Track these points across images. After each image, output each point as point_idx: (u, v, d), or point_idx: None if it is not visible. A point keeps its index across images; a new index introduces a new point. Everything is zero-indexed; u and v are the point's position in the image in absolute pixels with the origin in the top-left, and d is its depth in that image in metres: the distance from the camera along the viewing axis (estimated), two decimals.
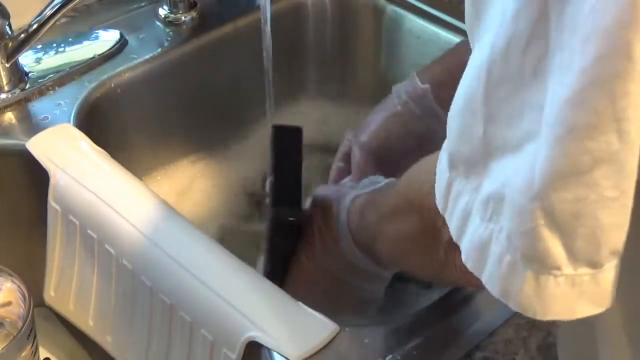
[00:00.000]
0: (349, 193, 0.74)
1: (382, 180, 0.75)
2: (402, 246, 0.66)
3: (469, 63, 0.42)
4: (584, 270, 0.38)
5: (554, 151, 0.36)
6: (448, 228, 0.50)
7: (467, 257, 0.42)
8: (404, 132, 0.86)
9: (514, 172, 0.38)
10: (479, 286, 0.48)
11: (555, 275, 0.38)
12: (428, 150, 0.90)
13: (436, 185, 0.46)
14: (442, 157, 0.46)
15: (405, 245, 0.66)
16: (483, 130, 0.40)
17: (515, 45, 0.37)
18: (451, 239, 0.51)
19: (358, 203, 0.72)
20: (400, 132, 0.87)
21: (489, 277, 0.41)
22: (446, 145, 0.45)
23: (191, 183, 1.02)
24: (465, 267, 0.51)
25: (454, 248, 0.51)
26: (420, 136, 0.86)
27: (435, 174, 0.48)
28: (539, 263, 0.38)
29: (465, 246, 0.42)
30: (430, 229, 0.58)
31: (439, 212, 0.50)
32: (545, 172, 0.36)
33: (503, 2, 0.38)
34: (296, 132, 0.80)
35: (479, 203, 0.41)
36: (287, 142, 0.80)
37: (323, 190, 0.79)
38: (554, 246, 0.38)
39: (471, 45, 0.43)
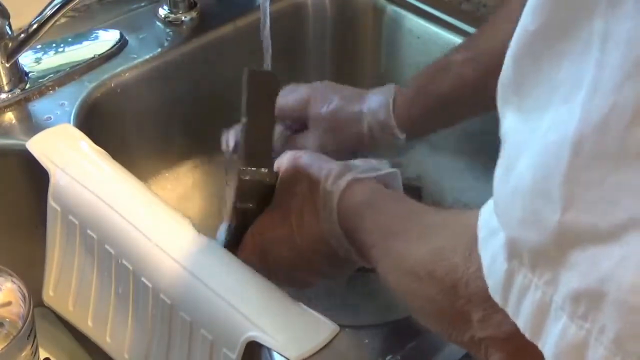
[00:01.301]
0: (344, 172, 0.68)
1: (383, 167, 0.70)
2: (413, 302, 0.58)
3: (512, 134, 0.38)
4: None
5: None
6: (484, 325, 0.47)
7: (555, 359, 0.37)
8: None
9: (617, 265, 0.34)
10: None
11: None
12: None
13: (487, 276, 0.42)
14: (489, 244, 0.42)
15: (420, 308, 0.57)
16: (560, 215, 0.35)
17: (618, 118, 0.33)
18: (487, 338, 0.47)
19: (356, 193, 0.67)
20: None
21: None
22: (492, 229, 0.41)
23: (191, 184, 1.02)
24: None
25: (489, 345, 0.48)
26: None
27: (474, 256, 0.44)
28: None
29: (551, 348, 0.37)
30: (459, 316, 0.50)
31: (474, 304, 0.47)
32: None
33: (581, 68, 0.34)
34: (271, 78, 0.75)
35: (563, 299, 0.36)
36: (262, 90, 0.74)
37: (307, 157, 0.72)
38: None
39: (501, 111, 0.40)
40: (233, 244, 0.74)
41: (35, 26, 0.88)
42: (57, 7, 0.88)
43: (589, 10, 0.34)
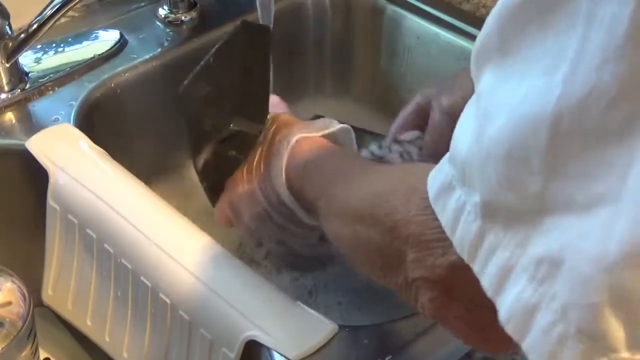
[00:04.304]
0: (292, 134, 0.69)
1: (335, 125, 0.71)
2: (355, 246, 0.59)
3: (487, 96, 0.39)
4: None
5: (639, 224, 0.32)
6: (417, 265, 0.49)
7: (507, 319, 0.38)
8: None
9: (580, 235, 0.35)
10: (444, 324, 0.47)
11: (609, 357, 0.34)
12: None
13: (451, 232, 0.43)
14: (445, 200, 0.43)
15: (360, 249, 0.58)
16: (542, 184, 0.36)
17: (598, 100, 0.33)
18: (419, 278, 0.49)
19: (302, 152, 0.68)
20: None
21: (533, 345, 0.37)
22: (445, 185, 0.42)
23: (191, 183, 1.02)
24: (431, 311, 0.50)
25: (420, 286, 0.50)
26: None
27: (413, 201, 0.46)
28: (595, 342, 0.34)
29: (506, 307, 0.38)
30: (395, 256, 0.52)
31: (410, 245, 0.49)
32: (623, 244, 0.33)
33: (565, 44, 0.35)
34: (265, 31, 0.75)
35: (527, 261, 0.37)
36: (256, 43, 0.74)
37: (285, 117, 0.74)
38: (616, 328, 0.34)
39: (477, 72, 0.40)
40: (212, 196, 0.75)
41: (35, 26, 0.88)
42: (57, 7, 0.88)
43: None
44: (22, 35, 0.89)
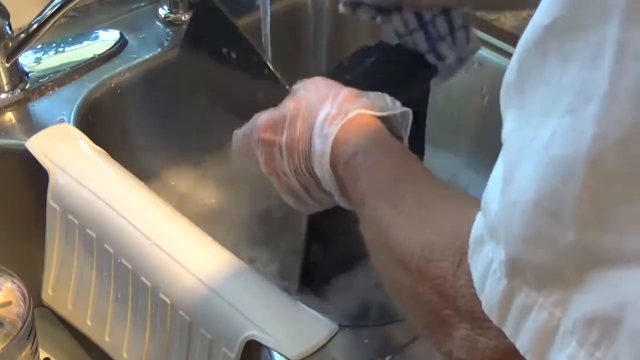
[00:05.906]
0: (353, 105, 0.61)
1: (397, 106, 0.63)
2: (401, 294, 0.53)
3: (511, 140, 0.36)
4: None
5: None
6: (466, 345, 0.44)
7: None
8: None
9: (638, 290, 0.32)
10: None
11: None
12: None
13: (479, 290, 0.39)
14: (478, 255, 0.39)
15: (406, 300, 0.52)
16: (576, 236, 0.33)
17: None
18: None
19: (355, 131, 0.60)
20: None
21: None
22: (479, 239, 0.39)
23: (191, 183, 1.02)
24: None
25: (468, 350, 0.44)
26: None
27: (463, 265, 0.42)
28: None
29: None
30: (443, 323, 0.46)
31: (461, 319, 0.44)
32: None
33: (591, 76, 0.32)
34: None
35: (574, 323, 0.34)
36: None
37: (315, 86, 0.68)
38: None
39: (505, 112, 0.37)
40: None
41: (35, 26, 0.88)
42: (57, 7, 0.89)
43: (606, 13, 0.32)
44: (22, 35, 0.89)
